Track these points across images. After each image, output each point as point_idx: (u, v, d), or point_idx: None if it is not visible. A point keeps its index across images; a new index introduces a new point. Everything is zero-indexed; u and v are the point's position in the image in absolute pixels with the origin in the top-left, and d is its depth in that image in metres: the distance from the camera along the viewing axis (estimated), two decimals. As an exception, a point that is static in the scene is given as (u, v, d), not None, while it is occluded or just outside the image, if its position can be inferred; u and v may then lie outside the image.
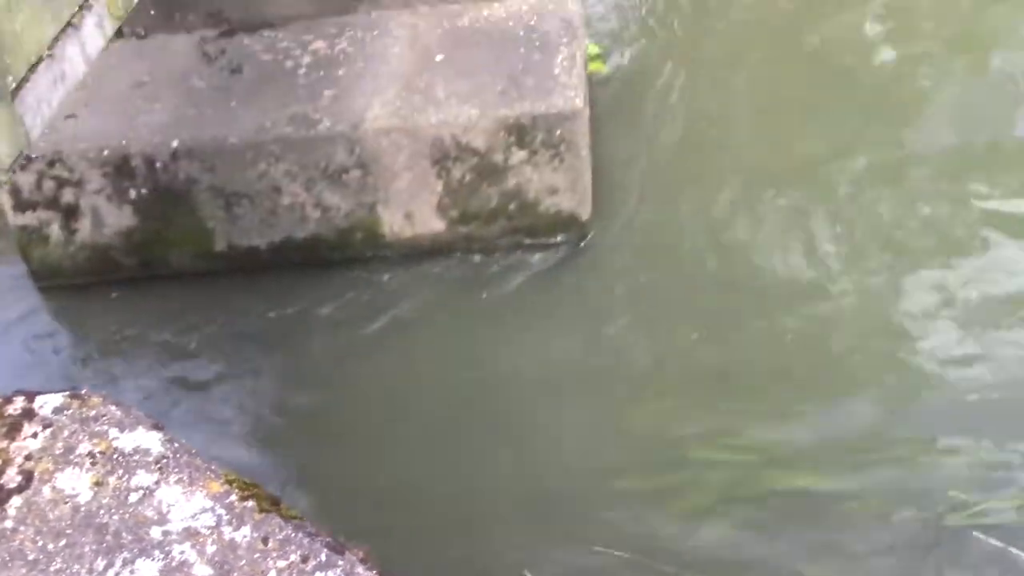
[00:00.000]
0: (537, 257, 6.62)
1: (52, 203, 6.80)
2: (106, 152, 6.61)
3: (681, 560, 4.92)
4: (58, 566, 2.54)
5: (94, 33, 3.85)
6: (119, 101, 6.87)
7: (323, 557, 2.56)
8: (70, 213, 6.83)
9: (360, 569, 2.55)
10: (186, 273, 6.93)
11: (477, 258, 6.69)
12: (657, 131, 7.26)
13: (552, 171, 6.43)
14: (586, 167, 6.52)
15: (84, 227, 6.85)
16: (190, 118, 6.70)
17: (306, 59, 6.98)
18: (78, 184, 6.73)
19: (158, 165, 6.60)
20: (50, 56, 3.60)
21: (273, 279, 6.81)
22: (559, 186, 6.49)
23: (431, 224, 6.68)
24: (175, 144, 6.56)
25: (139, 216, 6.77)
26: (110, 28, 3.96)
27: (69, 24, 3.72)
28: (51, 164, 6.65)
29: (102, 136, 6.67)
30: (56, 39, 3.64)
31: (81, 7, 3.80)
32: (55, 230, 6.87)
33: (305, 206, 6.67)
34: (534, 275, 6.56)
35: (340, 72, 6.81)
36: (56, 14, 3.66)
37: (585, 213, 6.63)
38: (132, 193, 6.70)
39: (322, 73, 6.83)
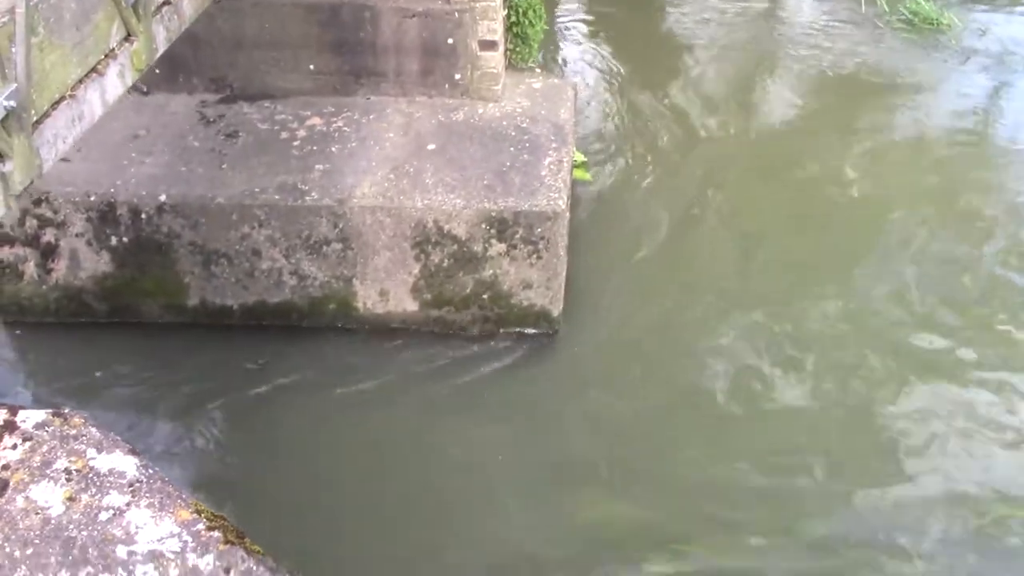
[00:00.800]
0: (504, 347, 6.75)
1: (32, 241, 6.88)
2: (93, 198, 6.73)
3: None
4: (22, 574, 2.60)
5: (115, 82, 4.04)
6: (113, 151, 7.03)
7: (281, 593, 2.64)
8: (48, 253, 6.92)
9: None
10: (154, 323, 7.01)
11: (445, 343, 6.80)
12: (632, 241, 7.52)
13: (529, 266, 6.63)
14: (562, 266, 6.74)
15: (60, 268, 6.93)
16: (181, 175, 6.85)
17: (301, 132, 7.21)
18: (61, 226, 6.83)
19: (143, 216, 6.73)
20: (72, 97, 3.78)
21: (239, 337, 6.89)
22: (534, 281, 6.69)
23: (404, 304, 6.84)
24: (163, 198, 6.70)
25: (116, 263, 6.87)
26: (130, 79, 4.15)
27: (94, 70, 3.91)
28: (36, 203, 6.75)
29: (91, 182, 6.80)
30: (80, 82, 3.83)
31: (107, 55, 3.99)
32: (31, 268, 6.94)
33: (282, 272, 6.81)
34: (500, 368, 6.66)
35: (333, 148, 7.04)
36: (83, 59, 3.85)
37: (556, 310, 6.82)
38: (113, 240, 6.81)
39: (315, 147, 7.06)
